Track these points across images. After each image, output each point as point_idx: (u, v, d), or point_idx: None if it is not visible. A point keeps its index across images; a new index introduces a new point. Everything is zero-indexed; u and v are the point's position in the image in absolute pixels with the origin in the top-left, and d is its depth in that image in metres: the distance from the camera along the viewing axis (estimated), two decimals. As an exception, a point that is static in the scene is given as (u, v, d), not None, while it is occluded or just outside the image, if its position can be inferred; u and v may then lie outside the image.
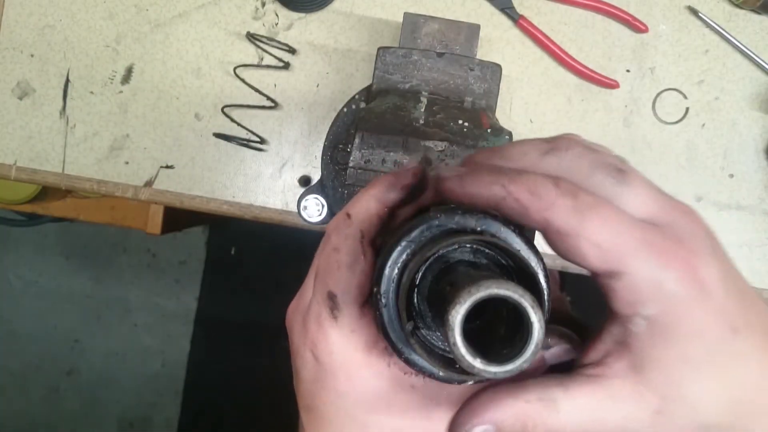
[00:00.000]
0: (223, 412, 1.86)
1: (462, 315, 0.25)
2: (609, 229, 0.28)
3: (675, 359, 0.29)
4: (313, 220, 0.64)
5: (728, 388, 0.30)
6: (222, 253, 1.90)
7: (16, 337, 1.97)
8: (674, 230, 0.30)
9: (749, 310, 0.31)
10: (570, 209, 0.28)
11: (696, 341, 0.29)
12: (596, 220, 0.28)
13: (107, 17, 0.73)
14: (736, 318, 0.30)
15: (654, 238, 0.29)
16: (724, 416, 0.31)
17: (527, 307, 0.25)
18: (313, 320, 0.34)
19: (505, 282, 0.25)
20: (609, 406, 0.30)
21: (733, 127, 0.71)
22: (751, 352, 0.31)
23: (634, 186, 0.31)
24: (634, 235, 0.28)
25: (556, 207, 0.28)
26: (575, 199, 0.28)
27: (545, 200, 0.28)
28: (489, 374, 0.25)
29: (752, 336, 0.31)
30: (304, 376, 0.36)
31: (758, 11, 0.70)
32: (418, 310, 0.30)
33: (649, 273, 0.28)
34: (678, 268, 0.29)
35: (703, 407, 0.30)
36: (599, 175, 0.30)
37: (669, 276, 0.28)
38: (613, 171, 0.31)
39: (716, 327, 0.30)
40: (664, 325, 0.29)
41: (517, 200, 0.29)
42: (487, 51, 0.72)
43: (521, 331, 0.26)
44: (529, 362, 0.26)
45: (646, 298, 0.29)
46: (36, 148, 0.73)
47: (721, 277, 0.30)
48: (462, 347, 0.25)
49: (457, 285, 0.26)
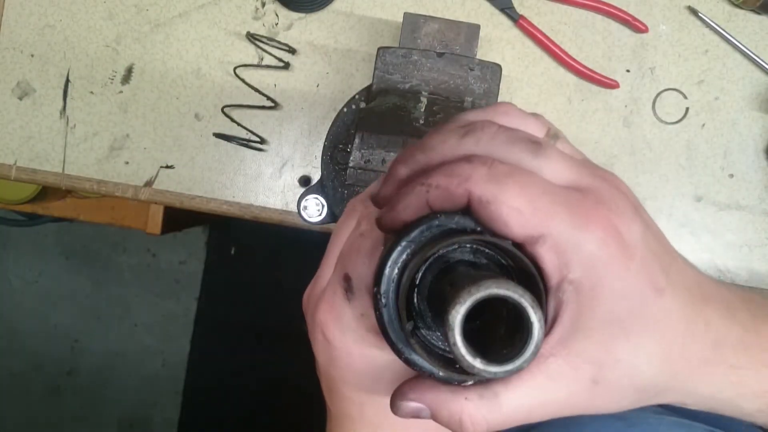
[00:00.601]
0: (223, 412, 1.86)
1: (462, 315, 0.25)
2: (526, 192, 0.28)
3: (602, 323, 0.29)
4: (313, 220, 0.64)
5: (659, 346, 0.30)
6: (222, 253, 1.90)
7: (16, 337, 1.97)
8: (594, 193, 0.30)
9: (672, 269, 0.31)
10: (486, 177, 0.28)
11: (620, 302, 0.29)
12: (513, 186, 0.28)
13: (107, 17, 0.73)
14: (659, 277, 0.30)
15: (573, 200, 0.29)
16: (659, 376, 0.31)
17: (527, 307, 0.25)
18: (327, 300, 0.36)
19: (505, 282, 0.25)
20: (549, 388, 0.30)
21: (733, 127, 0.71)
22: (676, 310, 0.31)
23: (550, 156, 0.31)
24: (551, 198, 0.29)
25: (473, 178, 0.29)
26: (490, 168, 0.29)
27: (462, 176, 0.29)
28: (489, 374, 0.25)
29: (676, 294, 0.31)
30: (320, 360, 0.38)
31: (758, 11, 0.70)
32: (418, 310, 0.30)
33: (570, 234, 0.28)
34: (598, 228, 0.29)
35: (637, 369, 0.30)
36: (515, 150, 0.31)
37: (590, 237, 0.28)
38: (529, 145, 0.31)
39: (639, 287, 0.30)
40: (589, 288, 0.29)
41: (437, 186, 0.29)
42: (487, 51, 0.72)
43: (521, 331, 0.26)
44: (529, 362, 0.26)
45: (569, 260, 0.29)
46: (36, 148, 0.73)
47: (642, 237, 0.30)
48: (462, 347, 0.25)
49: (457, 285, 0.26)
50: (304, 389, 1.71)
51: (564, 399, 0.30)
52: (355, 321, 0.34)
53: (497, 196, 0.28)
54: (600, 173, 0.32)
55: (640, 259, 0.30)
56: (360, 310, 0.34)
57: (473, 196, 0.28)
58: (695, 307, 0.32)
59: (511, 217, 0.28)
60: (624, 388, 0.30)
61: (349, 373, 0.36)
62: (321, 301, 0.36)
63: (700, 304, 0.32)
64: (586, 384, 0.30)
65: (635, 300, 0.29)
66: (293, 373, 1.64)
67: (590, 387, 0.30)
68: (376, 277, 0.30)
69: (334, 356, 0.36)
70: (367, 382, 0.36)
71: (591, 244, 0.28)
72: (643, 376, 0.30)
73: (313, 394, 0.60)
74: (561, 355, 0.29)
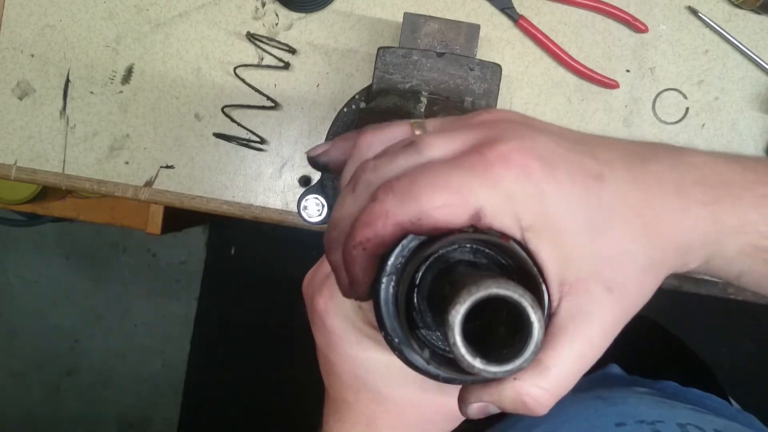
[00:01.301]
0: (223, 412, 1.86)
1: (462, 315, 0.25)
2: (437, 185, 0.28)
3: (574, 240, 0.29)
4: (313, 220, 0.64)
5: (631, 224, 0.30)
6: (222, 253, 1.90)
7: (16, 337, 1.97)
8: (483, 142, 0.30)
9: (595, 149, 0.31)
10: (398, 201, 0.28)
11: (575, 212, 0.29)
12: (423, 189, 0.28)
13: (107, 17, 0.73)
14: (590, 165, 0.30)
15: (473, 161, 0.29)
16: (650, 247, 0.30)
17: (527, 307, 0.25)
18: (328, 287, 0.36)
19: (505, 282, 0.25)
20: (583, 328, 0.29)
21: (733, 127, 0.71)
22: (623, 182, 0.30)
23: (428, 142, 0.31)
24: (458, 176, 0.28)
25: (389, 210, 0.28)
26: (393, 190, 0.29)
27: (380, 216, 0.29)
28: (489, 374, 0.25)
29: (614, 168, 0.30)
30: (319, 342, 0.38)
31: (758, 11, 0.70)
32: (418, 309, 0.30)
33: (494, 192, 0.28)
34: (507, 168, 0.28)
35: (630, 253, 0.30)
36: (399, 161, 0.31)
37: (508, 181, 0.28)
38: (405, 148, 0.31)
39: (580, 188, 0.29)
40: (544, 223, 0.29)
41: (368, 239, 0.29)
42: (487, 51, 0.72)
43: (521, 331, 0.26)
44: (529, 362, 0.25)
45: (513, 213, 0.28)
46: (36, 148, 0.73)
47: (547, 142, 0.30)
48: (462, 347, 0.25)
49: (457, 285, 0.26)
50: (305, 389, 1.71)
51: (600, 326, 0.29)
52: (354, 312, 0.35)
53: (420, 209, 0.28)
54: (475, 121, 0.32)
55: (560, 162, 0.29)
56: (358, 301, 0.34)
57: (403, 224, 0.28)
58: (640, 170, 0.31)
59: (444, 214, 0.28)
60: (634, 275, 0.30)
61: (347, 360, 0.37)
62: (322, 287, 0.37)
63: (643, 166, 0.31)
64: (604, 297, 0.29)
65: (584, 199, 0.29)
66: (293, 372, 1.64)
67: (611, 298, 0.29)
68: (376, 276, 0.30)
69: (332, 341, 0.37)
70: (363, 371, 0.37)
71: (513, 186, 0.28)
72: (640, 255, 0.30)
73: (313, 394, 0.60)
74: (567, 293, 0.29)
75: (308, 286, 0.39)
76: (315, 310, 0.37)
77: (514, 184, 0.28)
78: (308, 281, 0.39)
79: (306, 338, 0.39)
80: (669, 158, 0.32)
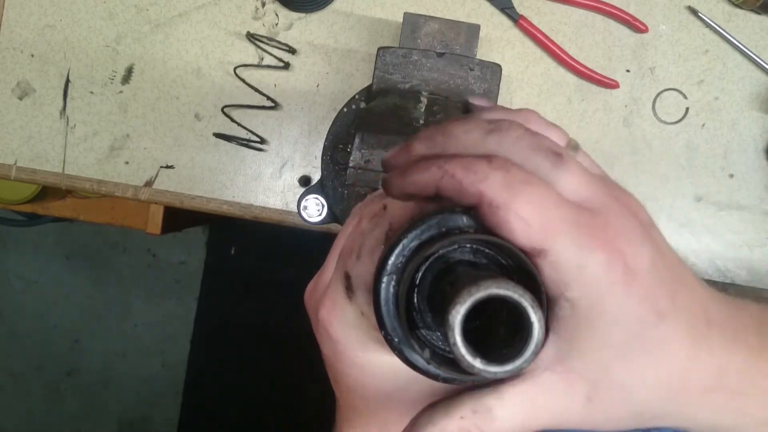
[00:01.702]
0: (223, 412, 1.86)
1: (462, 315, 0.25)
2: (537, 205, 0.28)
3: (600, 344, 0.29)
4: (313, 220, 0.64)
5: (657, 372, 0.30)
6: (222, 253, 1.90)
7: (16, 337, 1.97)
8: (605, 215, 0.30)
9: (679, 294, 0.31)
10: (501, 182, 0.28)
11: (619, 326, 0.29)
12: (526, 195, 0.28)
13: (107, 17, 0.73)
14: (663, 302, 0.30)
15: (582, 219, 0.29)
16: (655, 401, 0.31)
17: (527, 307, 0.25)
18: (329, 297, 0.36)
19: (505, 282, 0.25)
20: (543, 401, 0.30)
21: (733, 127, 0.71)
22: (678, 336, 0.30)
23: (569, 170, 0.31)
24: (561, 215, 0.28)
25: (489, 180, 0.28)
26: (507, 173, 0.29)
27: (479, 174, 0.29)
28: (489, 374, 0.25)
29: (679, 319, 0.30)
30: (325, 352, 0.38)
31: (758, 11, 0.70)
32: (418, 309, 0.30)
33: (573, 254, 0.28)
34: (602, 251, 0.28)
35: (634, 392, 0.30)
36: (536, 158, 0.30)
37: (593, 259, 0.28)
38: (550, 155, 0.31)
39: (640, 311, 0.29)
40: (587, 308, 0.29)
41: (453, 176, 0.29)
42: (487, 51, 0.72)
43: (521, 331, 0.26)
44: (530, 362, 0.25)
45: (570, 279, 0.28)
46: (36, 148, 0.73)
47: (650, 262, 0.30)
48: (462, 347, 0.25)
49: (457, 285, 0.26)
50: (305, 389, 1.71)
51: (558, 413, 0.30)
52: (357, 319, 0.35)
53: (508, 203, 0.28)
54: (615, 192, 0.31)
55: (643, 284, 0.29)
56: (360, 308, 0.34)
57: (484, 197, 0.28)
58: (699, 332, 0.31)
59: (519, 226, 0.28)
60: (619, 409, 0.30)
61: (354, 368, 0.37)
62: (324, 298, 0.36)
63: (704, 330, 0.31)
64: (580, 400, 0.30)
65: (635, 324, 0.29)
66: (293, 372, 1.64)
67: (585, 404, 0.30)
68: (376, 278, 0.30)
69: (337, 351, 0.36)
70: (371, 377, 0.37)
71: (593, 265, 0.28)
72: (640, 400, 0.30)
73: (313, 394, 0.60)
74: (556, 371, 0.29)
75: (310, 297, 0.39)
76: (319, 320, 0.37)
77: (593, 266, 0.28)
78: (310, 292, 0.39)
79: (305, 338, 0.39)
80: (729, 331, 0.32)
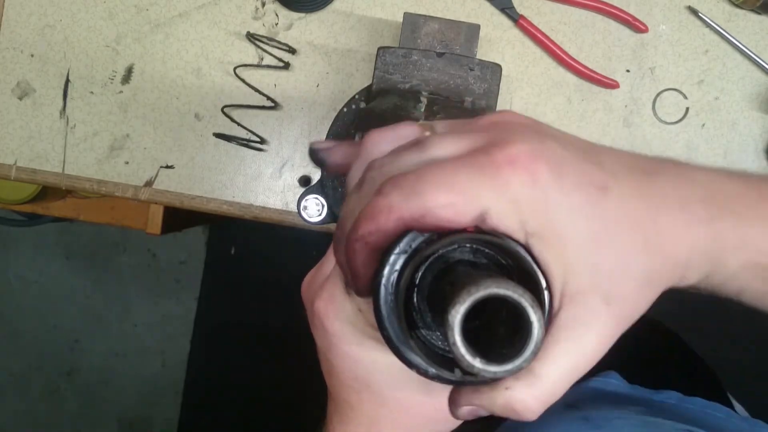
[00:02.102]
0: (223, 412, 1.86)
1: (462, 314, 0.25)
2: (442, 185, 0.28)
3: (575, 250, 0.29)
4: (313, 220, 0.64)
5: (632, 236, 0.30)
6: (222, 253, 1.90)
7: (16, 337, 1.97)
8: (491, 143, 0.29)
9: (601, 158, 0.31)
10: (402, 196, 0.28)
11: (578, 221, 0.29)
12: (429, 185, 0.28)
13: (107, 17, 0.73)
14: (596, 174, 0.30)
15: (480, 162, 0.29)
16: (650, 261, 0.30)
17: (527, 307, 0.25)
18: (328, 290, 0.36)
19: (504, 281, 0.25)
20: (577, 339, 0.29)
21: (733, 127, 0.71)
22: (628, 195, 0.30)
23: (436, 141, 0.31)
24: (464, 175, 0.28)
25: (393, 204, 0.28)
26: (398, 185, 0.29)
27: (383, 209, 0.28)
28: (489, 374, 0.25)
29: (619, 180, 0.30)
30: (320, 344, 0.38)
31: (758, 11, 0.70)
32: (418, 309, 0.30)
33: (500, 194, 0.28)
34: (515, 171, 0.28)
35: (629, 268, 0.30)
36: (404, 158, 0.31)
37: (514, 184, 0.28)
38: (411, 145, 0.31)
39: (584, 197, 0.29)
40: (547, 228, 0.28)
41: (370, 233, 0.29)
42: (487, 51, 0.72)
43: (520, 331, 0.26)
44: (529, 362, 0.26)
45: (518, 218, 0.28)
46: (36, 148, 0.73)
47: (556, 148, 0.29)
48: (462, 347, 0.25)
49: (456, 285, 0.26)
50: (305, 389, 1.71)
51: (595, 337, 0.29)
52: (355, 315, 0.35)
53: (424, 206, 0.28)
54: (484, 122, 0.31)
55: (567, 172, 0.29)
56: (359, 305, 0.34)
57: (406, 219, 0.28)
58: (645, 183, 0.31)
59: (448, 214, 0.28)
60: (632, 289, 0.30)
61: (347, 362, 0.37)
62: (321, 291, 0.36)
63: (647, 180, 0.31)
64: (601, 309, 0.29)
65: (587, 209, 0.29)
66: (293, 372, 1.64)
67: (607, 310, 0.29)
68: (375, 277, 0.30)
69: (332, 344, 0.36)
70: (364, 372, 0.37)
71: (520, 190, 0.28)
72: (639, 269, 0.30)
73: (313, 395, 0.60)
74: (566, 304, 0.29)
75: (307, 289, 0.39)
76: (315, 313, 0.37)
77: (521, 188, 0.28)
78: (307, 284, 0.39)
79: (305, 338, 0.39)
80: (674, 174, 0.32)
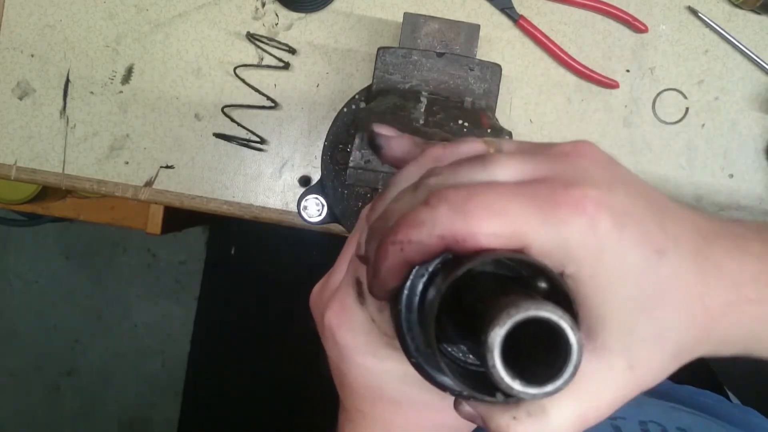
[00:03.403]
0: (223, 412, 1.86)
1: (501, 337, 0.24)
2: (493, 211, 0.27)
3: (615, 306, 0.28)
4: (313, 220, 0.64)
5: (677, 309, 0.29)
6: (222, 253, 1.90)
7: (16, 337, 1.97)
8: (558, 177, 0.28)
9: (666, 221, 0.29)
10: (449, 214, 0.27)
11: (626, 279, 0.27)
12: (479, 211, 0.27)
13: (107, 17, 0.73)
14: (657, 237, 0.28)
15: (540, 195, 0.27)
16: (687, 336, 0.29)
17: (566, 329, 0.25)
18: (339, 301, 0.35)
19: (543, 303, 0.24)
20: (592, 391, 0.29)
21: (733, 127, 0.71)
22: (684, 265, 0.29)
23: (500, 160, 0.29)
24: (518, 205, 0.27)
25: (438, 221, 0.27)
26: (448, 201, 0.27)
27: (427, 223, 0.27)
28: (527, 396, 0.25)
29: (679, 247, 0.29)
30: (331, 356, 0.38)
31: (758, 11, 0.70)
32: (439, 323, 0.30)
33: (549, 232, 0.27)
34: (573, 213, 0.27)
35: (665, 339, 0.29)
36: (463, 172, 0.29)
37: (571, 226, 0.27)
38: (473, 159, 0.30)
39: (639, 256, 0.27)
40: (589, 277, 0.27)
41: (410, 242, 0.28)
42: (487, 51, 0.72)
43: (554, 350, 0.25)
44: (569, 384, 0.25)
45: (560, 258, 0.27)
46: (36, 148, 0.73)
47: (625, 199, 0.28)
48: (501, 369, 0.25)
49: (490, 303, 0.26)
50: (305, 389, 1.71)
51: (610, 396, 0.29)
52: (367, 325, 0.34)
53: (470, 230, 0.26)
54: (556, 151, 0.30)
55: (630, 226, 0.27)
56: (372, 315, 0.34)
57: (447, 240, 0.27)
58: (702, 253, 0.30)
59: (490, 242, 0.27)
60: (660, 361, 0.29)
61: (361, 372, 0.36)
62: (332, 302, 0.36)
63: (706, 248, 0.30)
64: (624, 373, 0.29)
65: (640, 271, 0.28)
66: (293, 372, 1.64)
67: (629, 374, 0.29)
68: (400, 287, 0.29)
69: (344, 355, 0.36)
70: (378, 381, 0.36)
71: (573, 233, 0.27)
72: (673, 343, 0.29)
73: (313, 395, 0.60)
74: (589, 353, 0.28)
75: (316, 301, 0.38)
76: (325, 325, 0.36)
77: (577, 232, 0.27)
78: (316, 295, 0.38)
79: (306, 338, 0.39)
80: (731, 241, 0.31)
